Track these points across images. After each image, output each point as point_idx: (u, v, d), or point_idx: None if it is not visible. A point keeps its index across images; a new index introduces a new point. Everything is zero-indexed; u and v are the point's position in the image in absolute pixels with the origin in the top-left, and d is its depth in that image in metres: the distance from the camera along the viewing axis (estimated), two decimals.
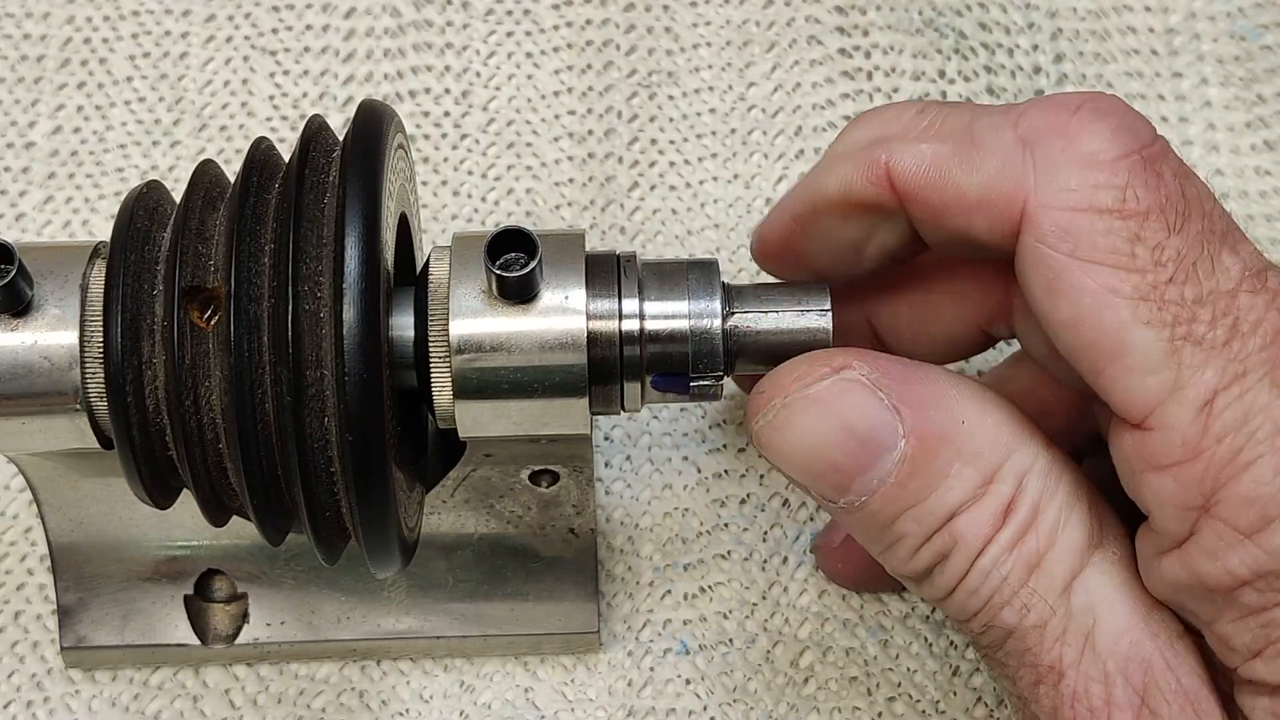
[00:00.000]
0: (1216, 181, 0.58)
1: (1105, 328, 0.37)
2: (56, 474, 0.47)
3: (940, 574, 0.40)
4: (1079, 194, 0.37)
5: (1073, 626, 0.38)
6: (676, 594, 0.52)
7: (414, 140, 0.59)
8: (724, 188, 0.58)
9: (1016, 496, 0.39)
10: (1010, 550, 0.39)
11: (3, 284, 0.40)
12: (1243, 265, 0.37)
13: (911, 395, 0.39)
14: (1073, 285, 0.37)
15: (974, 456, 0.39)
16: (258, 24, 0.61)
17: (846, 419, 0.39)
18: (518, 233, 0.40)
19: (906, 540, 0.40)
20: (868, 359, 0.40)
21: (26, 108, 0.59)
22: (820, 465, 0.39)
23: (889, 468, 0.39)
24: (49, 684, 0.51)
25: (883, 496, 0.39)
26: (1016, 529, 0.39)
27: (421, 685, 0.51)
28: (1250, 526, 0.36)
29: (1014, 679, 0.40)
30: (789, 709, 0.50)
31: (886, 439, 0.39)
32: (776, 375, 0.41)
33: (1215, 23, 0.61)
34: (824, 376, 0.39)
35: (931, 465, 0.39)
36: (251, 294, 0.40)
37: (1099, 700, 0.38)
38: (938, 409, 0.39)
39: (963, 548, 0.39)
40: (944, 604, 0.40)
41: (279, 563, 0.50)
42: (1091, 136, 0.38)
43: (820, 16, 0.61)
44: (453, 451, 0.47)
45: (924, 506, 0.39)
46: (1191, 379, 0.36)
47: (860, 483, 0.39)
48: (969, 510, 0.39)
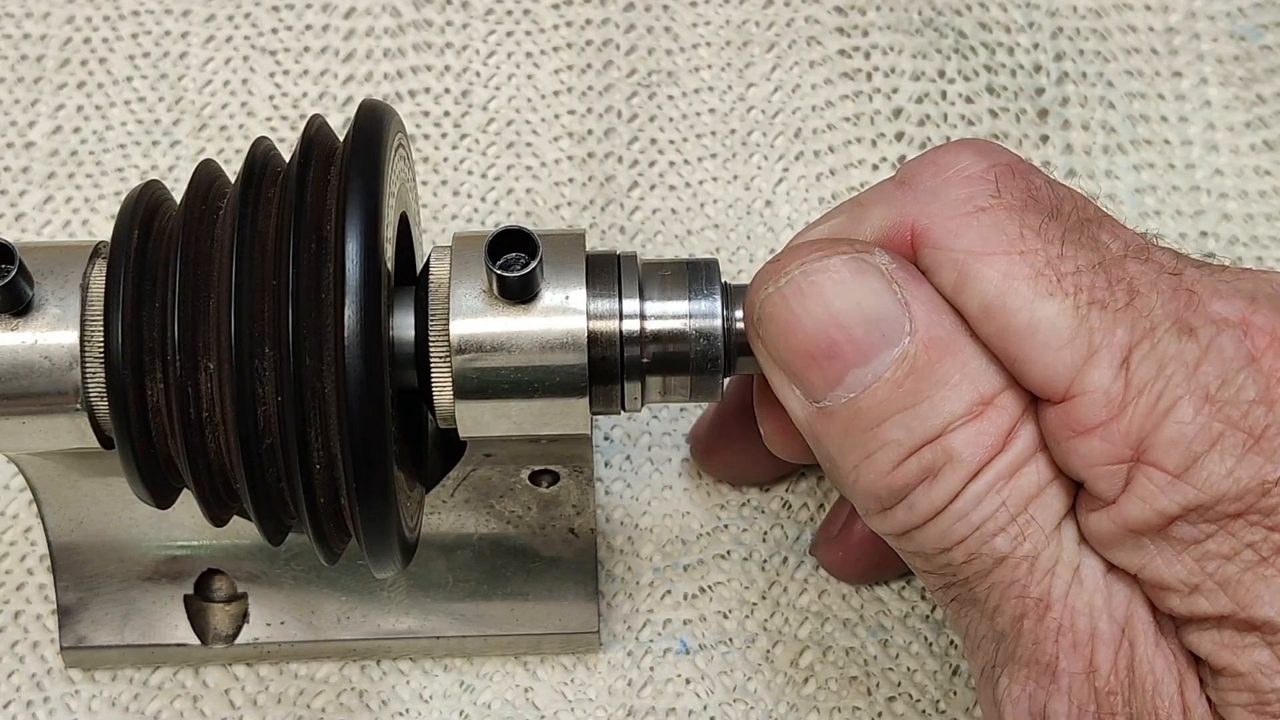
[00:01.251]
0: (1216, 181, 0.58)
1: (1012, 310, 0.37)
2: (56, 474, 0.47)
3: (924, 494, 0.38)
4: (959, 200, 0.39)
5: (1064, 558, 0.38)
6: (676, 594, 0.52)
7: (414, 140, 0.59)
8: (724, 188, 0.58)
9: (1018, 425, 0.38)
10: (1009, 476, 0.38)
11: (3, 284, 0.40)
12: (1123, 241, 0.39)
13: (925, 296, 0.38)
14: (975, 277, 0.38)
15: (976, 374, 0.38)
16: (258, 24, 0.61)
17: (859, 300, 0.38)
18: (518, 233, 0.40)
19: (889, 449, 0.38)
20: (889, 252, 0.39)
21: (26, 108, 0.59)
22: (821, 344, 0.38)
23: (889, 362, 0.38)
24: (49, 684, 0.51)
25: (874, 393, 0.38)
26: (1016, 455, 0.38)
27: (421, 685, 0.51)
28: (1178, 466, 0.36)
29: (993, 614, 0.39)
30: (789, 709, 0.50)
31: (893, 332, 0.38)
32: (793, 247, 0.40)
33: (1215, 22, 0.61)
34: (845, 252, 0.39)
35: (933, 369, 0.38)
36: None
37: (1084, 633, 0.38)
38: (948, 317, 0.38)
39: (957, 465, 0.38)
40: (919, 532, 0.39)
41: (279, 563, 0.50)
42: (958, 157, 0.40)
43: (820, 17, 0.61)
44: (453, 451, 0.47)
45: (916, 411, 0.38)
46: (1104, 341, 0.37)
47: (855, 375, 0.38)
48: (966, 426, 0.38)
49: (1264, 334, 0.37)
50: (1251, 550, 0.36)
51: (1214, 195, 0.58)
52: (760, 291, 0.40)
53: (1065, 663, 0.38)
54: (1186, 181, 0.58)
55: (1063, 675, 0.38)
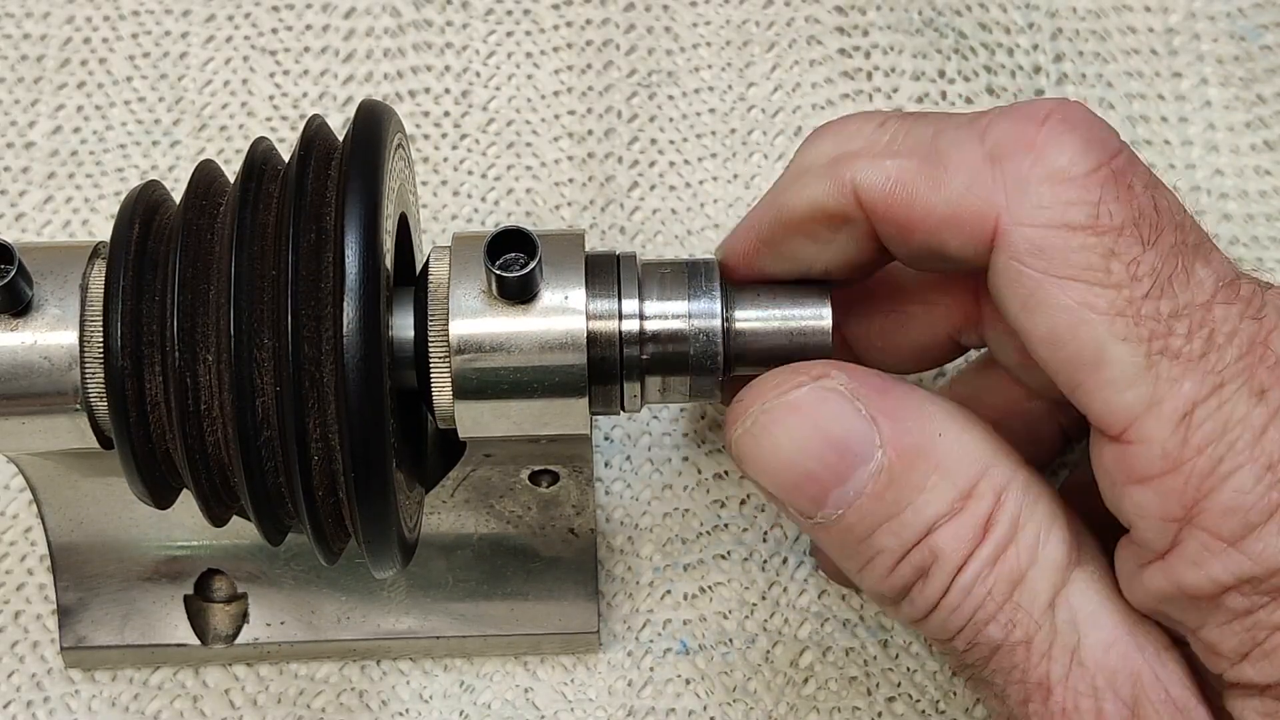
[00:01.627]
0: (1216, 181, 0.58)
1: (1082, 343, 0.37)
2: (56, 474, 0.47)
3: (920, 592, 0.39)
4: (1051, 211, 0.37)
5: (1059, 641, 0.38)
6: (676, 594, 0.52)
7: (414, 140, 0.59)
8: (724, 188, 0.58)
9: (995, 511, 0.39)
10: (992, 565, 0.38)
11: (3, 284, 0.40)
12: (1216, 277, 0.38)
13: (889, 406, 0.39)
14: (1049, 302, 0.37)
15: (951, 470, 0.39)
16: (258, 24, 0.61)
17: (824, 427, 0.39)
18: (518, 233, 0.40)
19: (883, 556, 0.39)
20: (846, 369, 0.40)
21: (26, 108, 0.59)
22: (797, 475, 0.39)
23: (865, 479, 0.39)
24: (49, 684, 0.51)
25: (859, 509, 0.39)
26: (997, 544, 0.39)
27: (421, 685, 0.51)
28: (1233, 535, 0.36)
29: (1002, 697, 0.39)
30: (789, 709, 0.50)
31: (863, 449, 0.39)
32: (755, 385, 0.41)
33: (1215, 23, 0.61)
34: (802, 384, 0.40)
35: (909, 477, 0.39)
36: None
37: (1089, 715, 0.38)
38: (915, 421, 0.39)
39: (943, 563, 0.39)
40: (924, 624, 0.40)
41: (279, 563, 0.50)
42: (1060, 150, 0.38)
43: (820, 16, 0.61)
44: (453, 451, 0.47)
45: (901, 519, 0.39)
46: (1169, 392, 0.36)
47: (837, 495, 0.39)
48: (947, 524, 0.38)
49: None
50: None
51: (1214, 195, 0.58)
52: (733, 430, 0.41)
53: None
54: (1186, 182, 0.58)
55: None
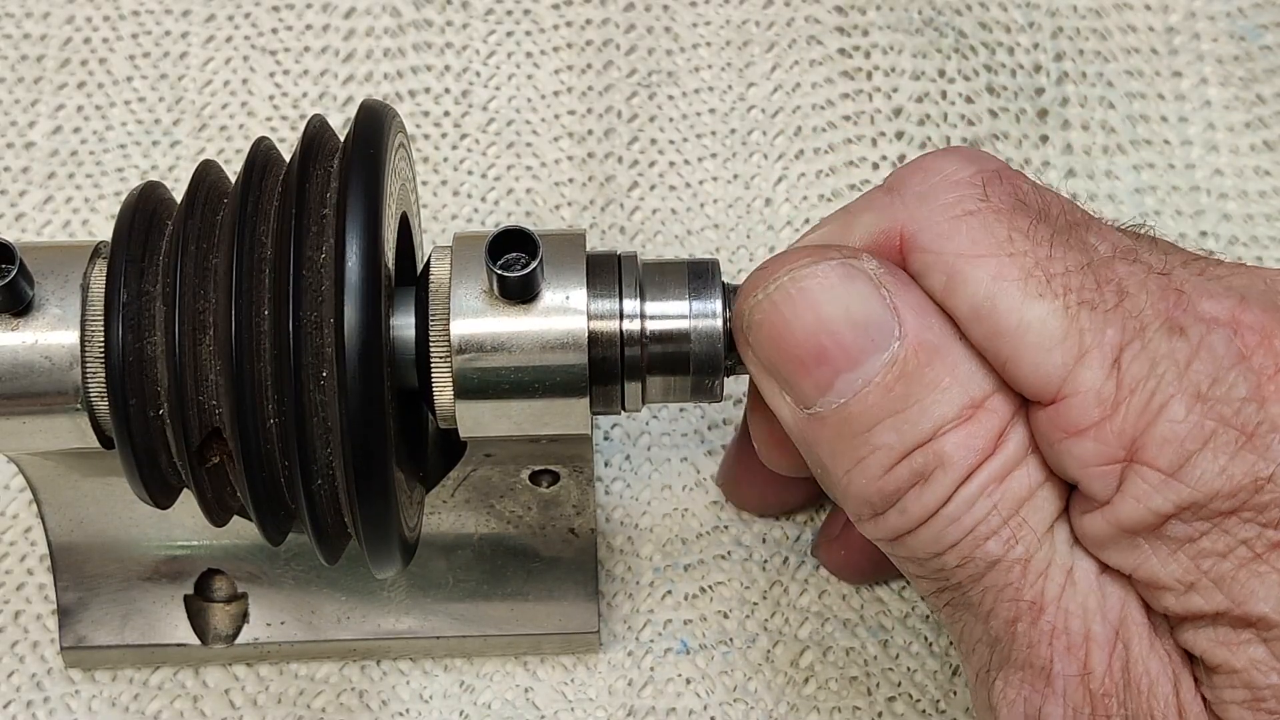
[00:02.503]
0: (1216, 181, 0.58)
1: (1002, 312, 0.37)
2: (56, 474, 0.47)
3: (916, 498, 0.38)
4: (947, 204, 0.39)
5: (1056, 561, 0.38)
6: (677, 594, 0.52)
7: (414, 140, 0.59)
8: (724, 188, 0.58)
9: (1008, 428, 0.38)
10: (1000, 480, 0.38)
11: (3, 284, 0.40)
12: (1110, 244, 0.39)
13: (914, 301, 0.39)
14: (964, 280, 0.38)
15: (966, 378, 0.38)
16: (258, 24, 0.61)
17: (847, 304, 0.38)
18: (518, 233, 0.40)
19: (881, 454, 0.38)
20: (877, 257, 0.40)
21: (26, 108, 0.59)
22: (810, 350, 0.39)
23: (878, 367, 0.38)
24: (49, 684, 0.51)
25: (864, 398, 0.38)
26: (1008, 459, 0.38)
27: (421, 685, 0.51)
28: (1171, 465, 0.36)
29: (987, 616, 0.39)
30: (789, 708, 0.50)
31: (882, 336, 0.38)
32: (781, 255, 0.40)
33: (1215, 22, 0.61)
34: (832, 258, 0.39)
35: (923, 373, 0.38)
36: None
37: (1078, 636, 0.38)
38: (937, 321, 0.39)
39: (948, 469, 0.38)
40: (911, 536, 0.39)
41: (279, 563, 0.50)
42: (945, 163, 0.40)
43: (820, 16, 0.61)
44: (453, 451, 0.47)
45: (906, 415, 0.38)
46: (1095, 340, 0.37)
47: (845, 379, 0.38)
48: (956, 430, 0.38)
49: (1254, 332, 0.37)
50: (1245, 547, 0.36)
51: (1214, 195, 0.58)
52: (749, 299, 0.40)
53: (1060, 665, 0.38)
54: (1186, 181, 0.58)
55: (1057, 678, 0.38)
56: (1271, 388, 0.37)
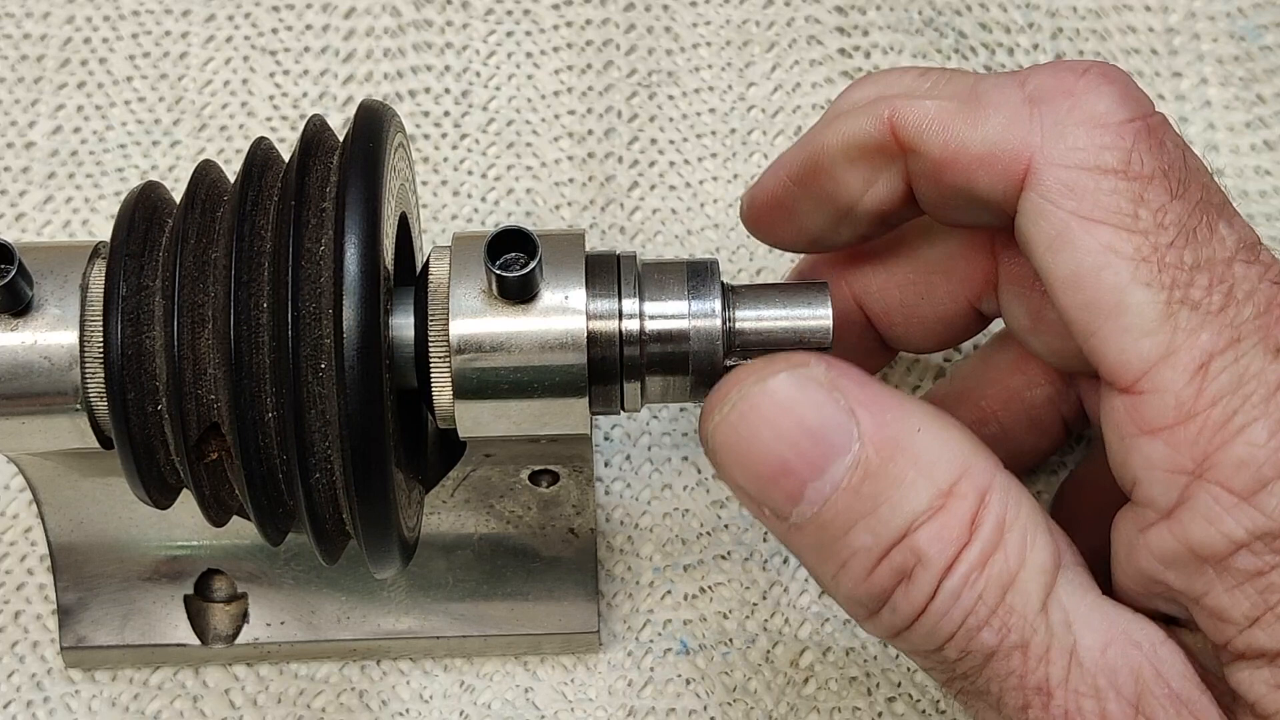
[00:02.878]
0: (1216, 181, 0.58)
1: (1104, 286, 0.37)
2: (56, 474, 0.47)
3: (903, 596, 0.38)
4: (1085, 153, 0.37)
5: (1055, 644, 0.37)
6: (677, 594, 0.52)
7: (414, 140, 0.59)
8: (724, 188, 0.58)
9: (980, 511, 0.38)
10: (981, 568, 0.37)
11: (3, 284, 0.40)
12: (1238, 237, 0.38)
13: (867, 399, 0.38)
14: (1075, 242, 0.37)
15: (930, 466, 0.38)
16: (258, 24, 0.61)
17: (801, 416, 0.38)
18: (518, 233, 0.40)
19: (860, 556, 0.38)
20: (825, 360, 0.39)
21: (26, 108, 0.59)
22: (772, 465, 0.38)
23: (842, 472, 0.38)
24: (49, 684, 0.51)
25: (834, 504, 0.38)
26: (984, 544, 0.38)
27: (421, 685, 0.51)
28: (1245, 489, 0.35)
29: (998, 705, 0.38)
30: (789, 709, 0.50)
31: (841, 440, 0.38)
32: (733, 374, 0.40)
33: (1215, 23, 0.61)
34: (779, 371, 0.39)
35: (887, 470, 0.38)
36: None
37: (1093, 716, 0.37)
38: (893, 415, 0.38)
39: (927, 565, 0.37)
40: (909, 633, 0.39)
41: (279, 563, 0.50)
42: (1099, 99, 0.38)
43: (820, 16, 0.61)
44: (453, 451, 0.47)
45: (878, 515, 0.38)
46: (1187, 342, 0.36)
47: (813, 489, 0.38)
48: (930, 523, 0.37)
49: None
50: None
51: None
52: (708, 422, 0.40)
53: None
54: None
55: None
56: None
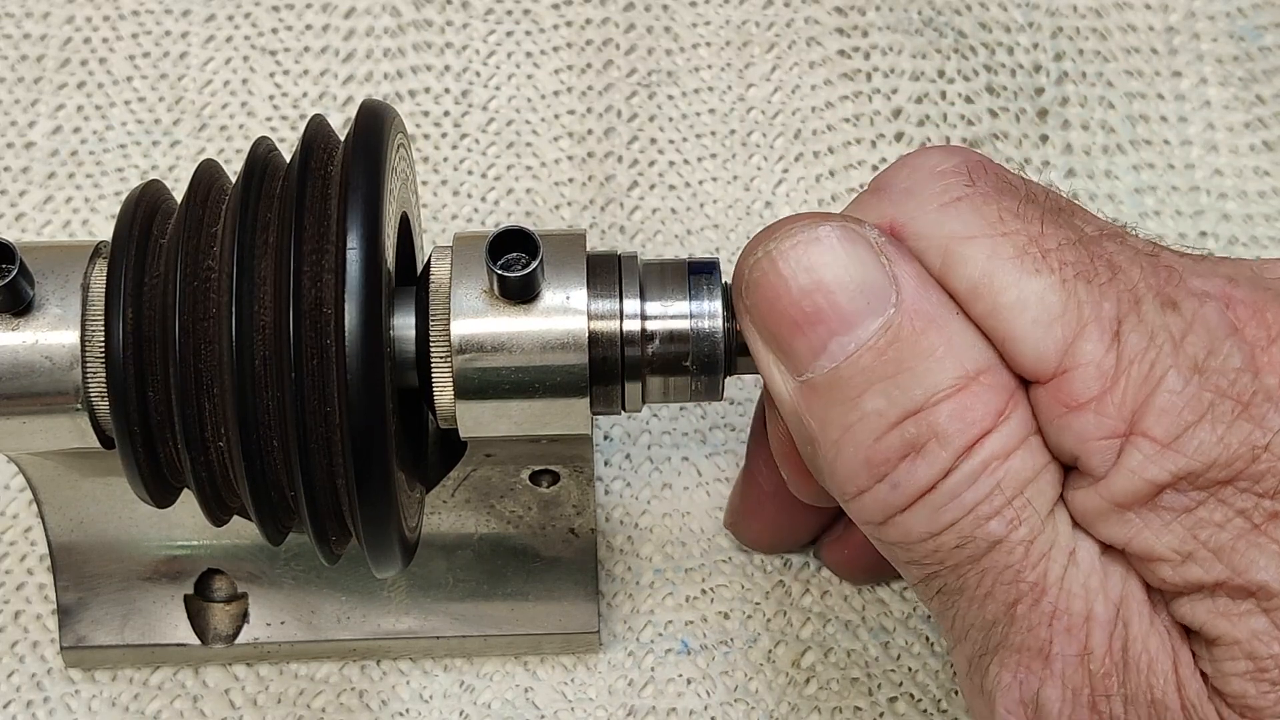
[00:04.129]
0: (1215, 181, 0.58)
1: (1000, 288, 0.37)
2: (56, 474, 0.47)
3: (908, 471, 0.37)
4: (934, 194, 0.39)
5: (1060, 542, 0.38)
6: (678, 595, 0.52)
7: (414, 140, 0.59)
8: (723, 188, 0.58)
9: (1010, 405, 0.37)
10: (1005, 457, 0.37)
11: (4, 284, 0.40)
12: (1097, 226, 0.39)
13: (914, 272, 0.38)
14: (960, 260, 0.38)
15: (963, 349, 0.38)
16: (258, 24, 0.61)
17: (844, 267, 0.38)
18: (519, 233, 0.40)
19: (870, 419, 0.38)
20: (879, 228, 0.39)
21: (26, 108, 0.59)
22: (804, 310, 0.38)
23: (871, 331, 0.38)
24: (49, 684, 0.51)
25: (855, 362, 0.38)
26: (1010, 436, 0.37)
27: (421, 685, 0.51)
28: (1168, 435, 0.36)
29: (984, 599, 0.38)
30: (790, 709, 0.50)
31: (877, 301, 0.38)
32: (783, 220, 0.40)
33: (1215, 23, 0.61)
34: (834, 221, 0.39)
35: (918, 340, 0.37)
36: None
37: (1079, 617, 0.37)
38: (936, 294, 0.38)
39: (944, 442, 0.37)
40: (903, 515, 0.38)
41: (279, 563, 0.50)
42: (927, 158, 0.40)
43: (820, 17, 0.61)
44: (453, 451, 0.47)
45: (898, 381, 0.37)
46: (1093, 314, 0.37)
47: (838, 342, 0.38)
48: (952, 400, 0.37)
49: (1245, 305, 0.37)
50: (1243, 517, 0.36)
51: (1213, 195, 0.58)
52: (749, 258, 0.40)
53: (1059, 647, 0.38)
54: (1186, 181, 0.58)
55: (1056, 659, 0.38)
56: (1265, 359, 0.37)
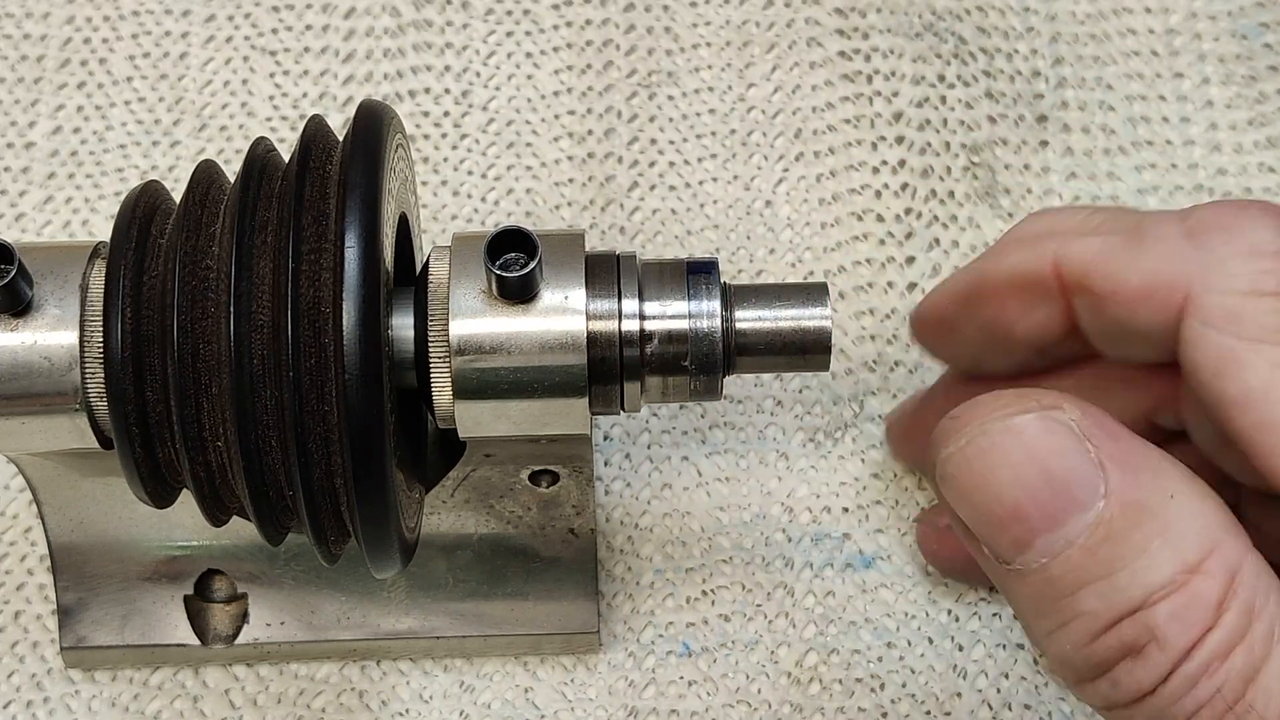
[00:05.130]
0: (1220, 180, 0.58)
1: (1275, 403, 0.36)
2: (56, 474, 0.47)
3: (1129, 673, 0.35)
4: (1243, 278, 0.37)
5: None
6: (678, 596, 0.52)
7: (414, 140, 0.59)
8: (723, 188, 0.58)
9: (1229, 595, 0.35)
10: (1224, 657, 0.35)
11: (3, 284, 0.40)
12: None
13: (1121, 453, 0.36)
14: (1240, 364, 0.37)
15: (1180, 537, 0.35)
16: (258, 24, 0.61)
17: (1046, 462, 0.35)
18: (518, 233, 0.40)
19: (1085, 620, 0.36)
20: (1080, 405, 0.37)
21: (26, 108, 0.59)
22: (1006, 509, 0.36)
23: (1081, 528, 0.35)
24: (49, 684, 0.51)
25: (1067, 560, 0.35)
26: (1230, 632, 0.35)
27: (421, 685, 0.51)
28: None
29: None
30: (793, 710, 0.50)
31: (1085, 495, 0.35)
32: (976, 403, 0.37)
33: (1216, 22, 0.61)
34: (1030, 410, 0.36)
35: (1131, 536, 0.35)
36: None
37: None
38: (1147, 475, 0.36)
39: (1164, 645, 0.35)
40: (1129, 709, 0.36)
41: (279, 563, 0.50)
42: (1255, 229, 0.38)
43: (820, 19, 0.61)
44: (453, 451, 0.47)
45: (1113, 581, 0.35)
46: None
47: (1045, 540, 0.35)
48: (1171, 599, 0.35)
49: None
50: None
51: (1217, 195, 0.58)
52: (941, 450, 0.37)
53: None
54: (1190, 181, 0.58)
55: None
56: None
